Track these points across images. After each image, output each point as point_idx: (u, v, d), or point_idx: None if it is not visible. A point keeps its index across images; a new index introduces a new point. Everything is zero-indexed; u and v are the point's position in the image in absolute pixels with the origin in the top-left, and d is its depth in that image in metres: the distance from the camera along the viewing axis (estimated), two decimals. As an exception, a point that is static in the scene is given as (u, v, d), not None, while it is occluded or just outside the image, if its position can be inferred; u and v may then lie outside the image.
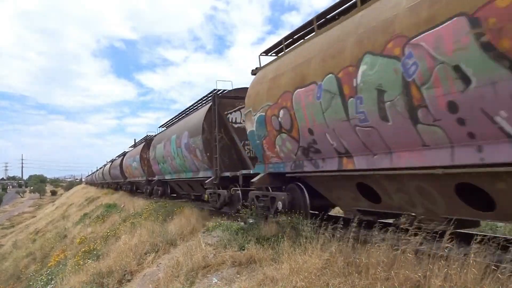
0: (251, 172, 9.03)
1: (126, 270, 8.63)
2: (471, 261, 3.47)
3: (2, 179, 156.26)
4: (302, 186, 7.33)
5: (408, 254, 3.92)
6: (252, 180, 8.37)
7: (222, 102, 11.14)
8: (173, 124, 16.79)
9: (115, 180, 36.29)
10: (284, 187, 7.95)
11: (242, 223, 8.23)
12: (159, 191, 19.29)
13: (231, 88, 11.72)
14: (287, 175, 7.60)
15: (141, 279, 7.82)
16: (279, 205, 7.59)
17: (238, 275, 5.73)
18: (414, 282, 3.58)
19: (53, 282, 12.21)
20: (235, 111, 11.26)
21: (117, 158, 36.72)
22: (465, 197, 4.28)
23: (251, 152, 10.51)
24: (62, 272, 11.88)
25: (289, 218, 6.66)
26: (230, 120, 11.16)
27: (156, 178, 19.41)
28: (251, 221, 7.93)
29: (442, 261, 3.66)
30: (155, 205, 15.04)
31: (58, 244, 20.59)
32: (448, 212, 4.55)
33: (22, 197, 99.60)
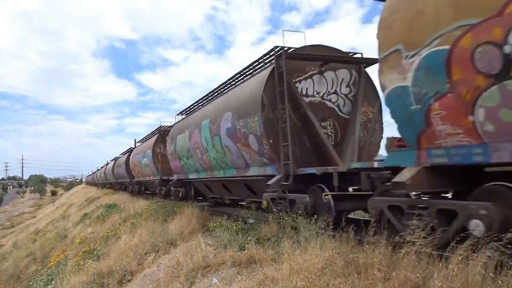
0: (379, 165, 5.44)
1: (126, 270, 8.63)
2: (471, 262, 3.47)
3: (3, 179, 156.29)
4: None
5: (407, 255, 3.93)
6: (395, 180, 4.62)
7: (291, 65, 7.48)
8: (202, 106, 12.59)
9: (119, 180, 33.09)
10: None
11: (243, 223, 8.23)
12: (180, 193, 15.32)
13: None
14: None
15: (142, 279, 7.83)
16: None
17: (238, 275, 5.73)
18: (414, 282, 3.57)
19: (53, 282, 12.22)
20: (306, 79, 7.87)
21: (121, 155, 32.59)
22: None
23: (331, 138, 7.89)
24: (62, 272, 11.88)
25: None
26: (300, 92, 7.80)
27: (175, 177, 15.74)
28: (251, 221, 7.94)
29: (442, 261, 3.67)
30: (156, 205, 15.04)
31: (58, 244, 20.59)
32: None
33: (22, 197, 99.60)
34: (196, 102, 13.10)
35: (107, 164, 44.71)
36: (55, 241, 22.20)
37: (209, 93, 11.97)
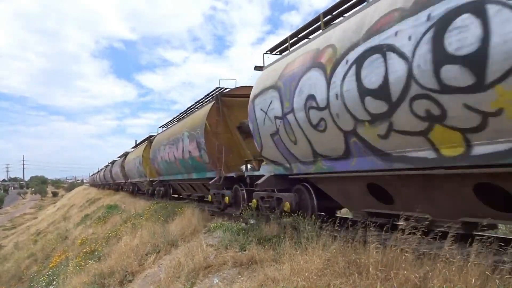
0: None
1: (127, 271, 8.65)
2: (472, 262, 3.48)
3: (4, 180, 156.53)
4: None
5: (406, 254, 3.94)
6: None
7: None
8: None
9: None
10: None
11: (244, 224, 8.24)
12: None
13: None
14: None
15: (143, 280, 7.84)
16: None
17: (239, 276, 5.74)
18: (414, 282, 3.58)
19: (54, 283, 12.25)
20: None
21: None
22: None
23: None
24: (63, 273, 11.91)
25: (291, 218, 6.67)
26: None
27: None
28: (252, 221, 7.95)
29: (442, 261, 3.68)
30: (156, 206, 15.06)
31: (60, 245, 20.62)
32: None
33: (23, 198, 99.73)
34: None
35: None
36: (56, 242, 22.23)
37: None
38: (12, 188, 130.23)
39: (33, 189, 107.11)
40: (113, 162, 39.34)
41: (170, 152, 15.50)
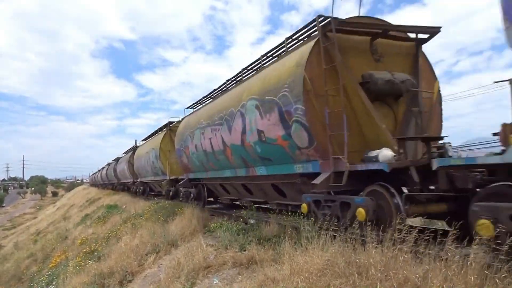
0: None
1: (127, 271, 8.65)
2: (471, 262, 3.49)
3: (3, 180, 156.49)
4: None
5: (406, 255, 3.94)
6: None
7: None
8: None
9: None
10: None
11: (243, 224, 8.24)
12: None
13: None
14: None
15: (142, 280, 7.85)
16: None
17: (239, 276, 5.74)
18: (414, 282, 3.59)
19: (54, 283, 12.25)
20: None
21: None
22: None
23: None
24: (63, 273, 11.91)
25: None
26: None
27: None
28: (252, 221, 7.95)
29: (442, 261, 3.68)
30: (156, 206, 15.05)
31: (59, 245, 20.61)
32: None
33: (23, 198, 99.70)
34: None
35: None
36: (56, 242, 22.23)
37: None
38: (12, 187, 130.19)
39: (33, 188, 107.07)
40: (117, 160, 34.82)
41: (214, 137, 10.06)
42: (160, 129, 19.59)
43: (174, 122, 17.77)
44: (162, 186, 18.30)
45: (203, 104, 12.55)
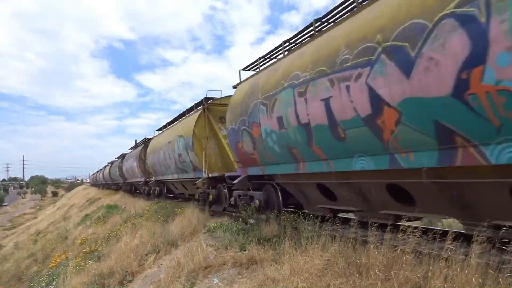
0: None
1: (127, 271, 8.64)
2: (472, 262, 3.47)
3: (4, 180, 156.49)
4: None
5: (407, 256, 3.93)
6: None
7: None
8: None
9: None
10: None
11: (243, 224, 8.23)
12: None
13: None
14: None
15: (142, 280, 7.83)
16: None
17: (239, 276, 5.73)
18: (415, 282, 3.58)
19: (54, 283, 12.22)
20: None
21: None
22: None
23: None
24: (63, 273, 11.89)
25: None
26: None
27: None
28: (252, 221, 7.94)
29: (443, 260, 3.67)
30: (156, 206, 15.05)
31: (59, 245, 20.60)
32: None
33: (23, 198, 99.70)
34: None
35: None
36: (56, 242, 22.22)
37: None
38: (12, 188, 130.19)
39: (33, 189, 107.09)
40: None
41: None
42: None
43: (214, 98, 12.71)
44: (197, 186, 12.63)
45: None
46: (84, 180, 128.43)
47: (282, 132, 6.86)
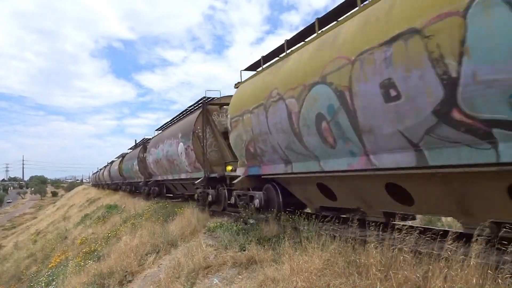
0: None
1: (127, 271, 8.63)
2: (472, 262, 3.47)
3: (3, 180, 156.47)
4: None
5: (405, 255, 3.93)
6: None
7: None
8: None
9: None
10: None
11: (243, 224, 8.23)
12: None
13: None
14: None
15: (142, 280, 7.83)
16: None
17: (239, 276, 5.73)
18: (414, 282, 3.57)
19: (54, 283, 12.23)
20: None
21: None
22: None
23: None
24: (63, 273, 11.90)
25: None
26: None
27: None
28: (251, 221, 7.94)
29: (442, 260, 3.67)
30: (156, 206, 15.05)
31: (59, 245, 20.61)
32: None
33: (23, 198, 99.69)
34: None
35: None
36: (56, 242, 22.23)
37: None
38: (11, 188, 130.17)
39: (33, 189, 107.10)
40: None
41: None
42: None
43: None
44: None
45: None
46: (84, 180, 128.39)
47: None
